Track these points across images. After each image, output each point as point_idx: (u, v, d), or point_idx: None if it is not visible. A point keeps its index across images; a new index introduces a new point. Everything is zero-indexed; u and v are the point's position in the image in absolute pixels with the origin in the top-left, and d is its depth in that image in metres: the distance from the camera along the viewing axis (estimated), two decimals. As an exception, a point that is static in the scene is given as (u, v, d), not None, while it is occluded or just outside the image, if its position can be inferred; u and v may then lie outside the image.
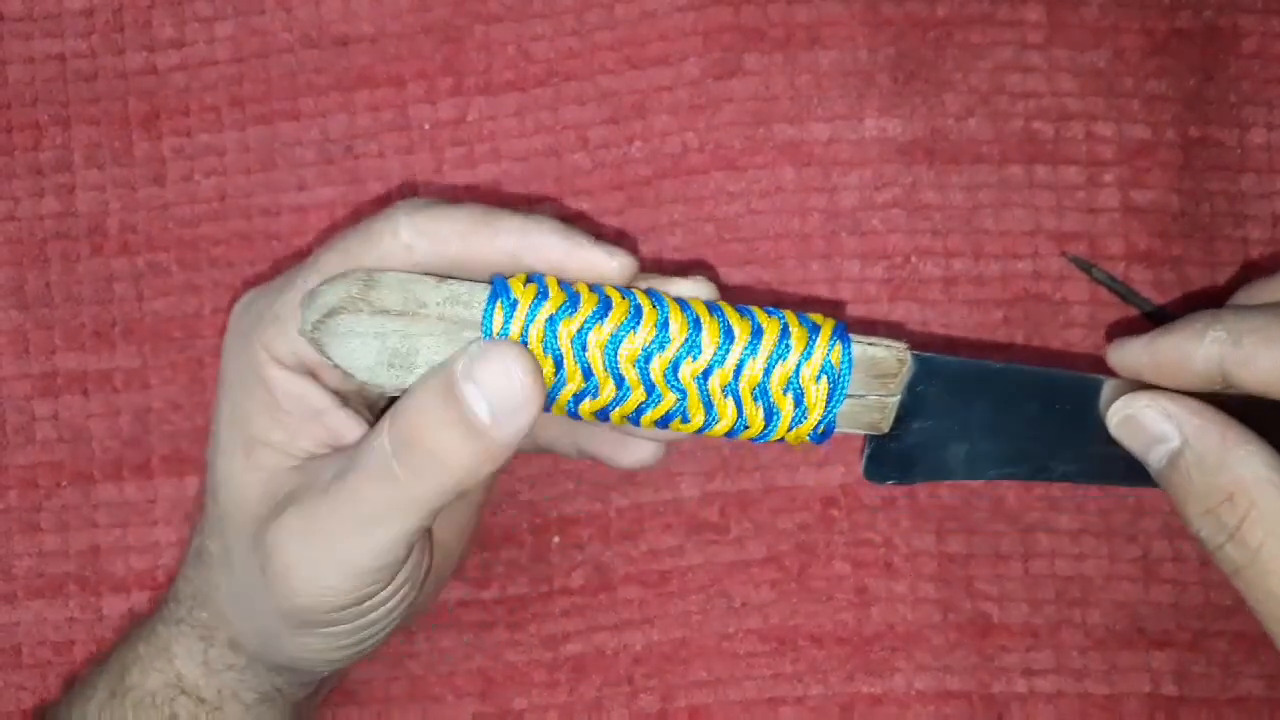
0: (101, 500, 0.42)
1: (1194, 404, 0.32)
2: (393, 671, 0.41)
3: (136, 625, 0.38)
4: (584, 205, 0.41)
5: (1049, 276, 0.41)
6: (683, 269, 0.41)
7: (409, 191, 0.42)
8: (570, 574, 0.41)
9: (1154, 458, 0.33)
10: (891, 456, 0.35)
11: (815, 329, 0.33)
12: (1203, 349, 0.32)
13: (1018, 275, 0.41)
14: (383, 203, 0.42)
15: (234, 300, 0.36)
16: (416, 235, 0.32)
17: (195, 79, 0.42)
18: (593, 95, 0.42)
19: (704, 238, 0.41)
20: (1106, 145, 0.41)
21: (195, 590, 0.36)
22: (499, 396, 0.31)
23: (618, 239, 0.41)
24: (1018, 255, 0.41)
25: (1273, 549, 0.30)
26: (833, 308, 0.41)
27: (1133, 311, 0.41)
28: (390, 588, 0.34)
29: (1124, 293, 0.41)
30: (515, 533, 0.41)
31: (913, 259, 0.41)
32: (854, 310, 0.41)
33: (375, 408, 0.35)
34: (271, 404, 0.33)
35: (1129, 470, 0.34)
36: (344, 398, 0.34)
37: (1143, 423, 0.33)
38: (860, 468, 0.36)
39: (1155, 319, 0.40)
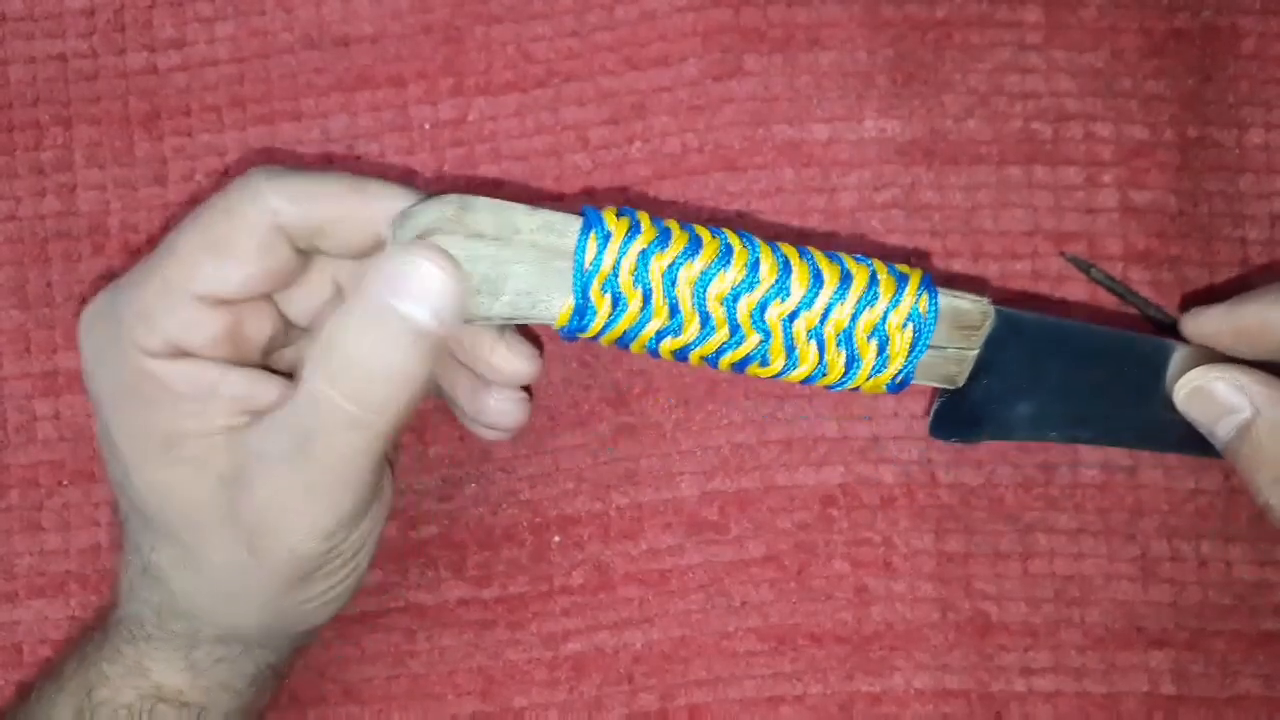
0: (103, 499, 0.42)
1: (1265, 376, 0.33)
2: (393, 670, 0.41)
3: (86, 646, 0.37)
4: (584, 205, 0.42)
5: (1048, 277, 0.41)
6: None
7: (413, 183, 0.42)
8: (570, 573, 0.41)
9: (1223, 429, 0.33)
10: (959, 414, 0.36)
11: (904, 278, 0.33)
12: None
13: (1017, 275, 0.41)
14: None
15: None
16: (285, 201, 0.32)
17: (196, 79, 0.42)
18: (593, 95, 0.42)
19: (704, 238, 0.41)
20: (1105, 146, 0.41)
21: (157, 606, 0.35)
22: (434, 292, 0.31)
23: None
24: (1016, 255, 0.41)
25: None
26: (918, 259, 0.41)
27: (1131, 311, 0.41)
28: (373, 504, 0.34)
29: (1122, 293, 0.41)
30: (515, 532, 0.41)
31: (912, 259, 0.41)
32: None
33: (268, 351, 0.35)
34: (170, 396, 0.32)
35: (1185, 438, 0.35)
36: (233, 359, 0.33)
37: (1214, 394, 0.34)
38: (927, 425, 0.36)
39: (1154, 320, 0.40)
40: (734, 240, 0.33)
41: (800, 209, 0.41)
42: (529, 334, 0.40)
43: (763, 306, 0.32)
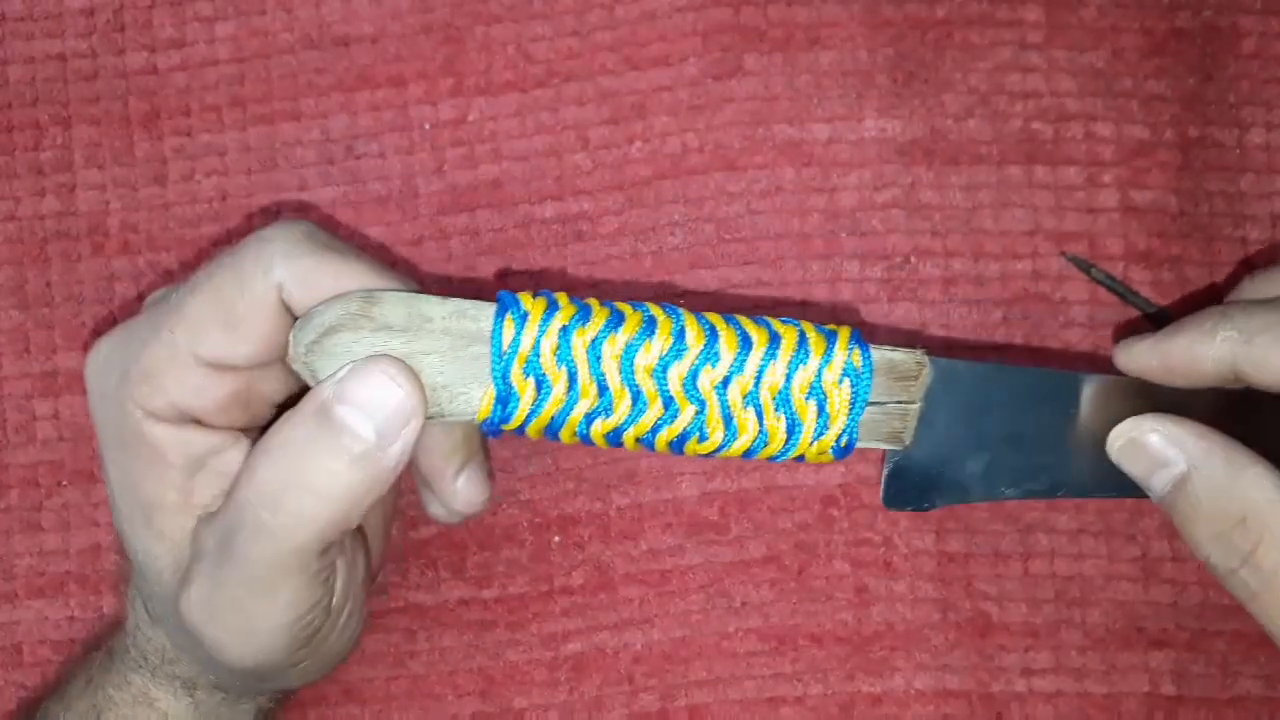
0: (102, 499, 0.42)
1: (1198, 427, 0.32)
2: (393, 670, 0.41)
3: (92, 668, 0.37)
4: (584, 205, 0.42)
5: (1048, 276, 0.41)
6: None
7: (408, 193, 0.42)
8: (570, 573, 0.41)
9: (1158, 483, 0.32)
10: (911, 481, 0.34)
11: (832, 334, 0.32)
12: (1214, 349, 0.32)
13: (1017, 275, 0.41)
14: (382, 204, 0.42)
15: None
16: (296, 285, 0.30)
17: (196, 79, 0.42)
18: (593, 95, 0.42)
19: (704, 238, 0.41)
20: (1105, 145, 0.41)
21: (159, 650, 0.35)
22: (383, 411, 0.29)
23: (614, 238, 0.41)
24: (1017, 255, 0.41)
25: None
26: (842, 313, 0.41)
27: (1132, 311, 0.41)
28: (335, 610, 0.32)
29: (1123, 293, 0.41)
30: (515, 532, 0.41)
31: (912, 259, 0.41)
32: (854, 310, 0.41)
33: (286, 405, 0.33)
34: (158, 461, 0.31)
35: None
36: (245, 429, 0.32)
37: (1146, 447, 0.32)
38: (880, 495, 0.35)
39: (1154, 319, 0.40)
40: (657, 311, 0.31)
41: (800, 209, 0.41)
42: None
43: (694, 375, 0.31)
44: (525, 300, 0.31)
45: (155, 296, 0.35)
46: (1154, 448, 0.32)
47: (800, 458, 0.33)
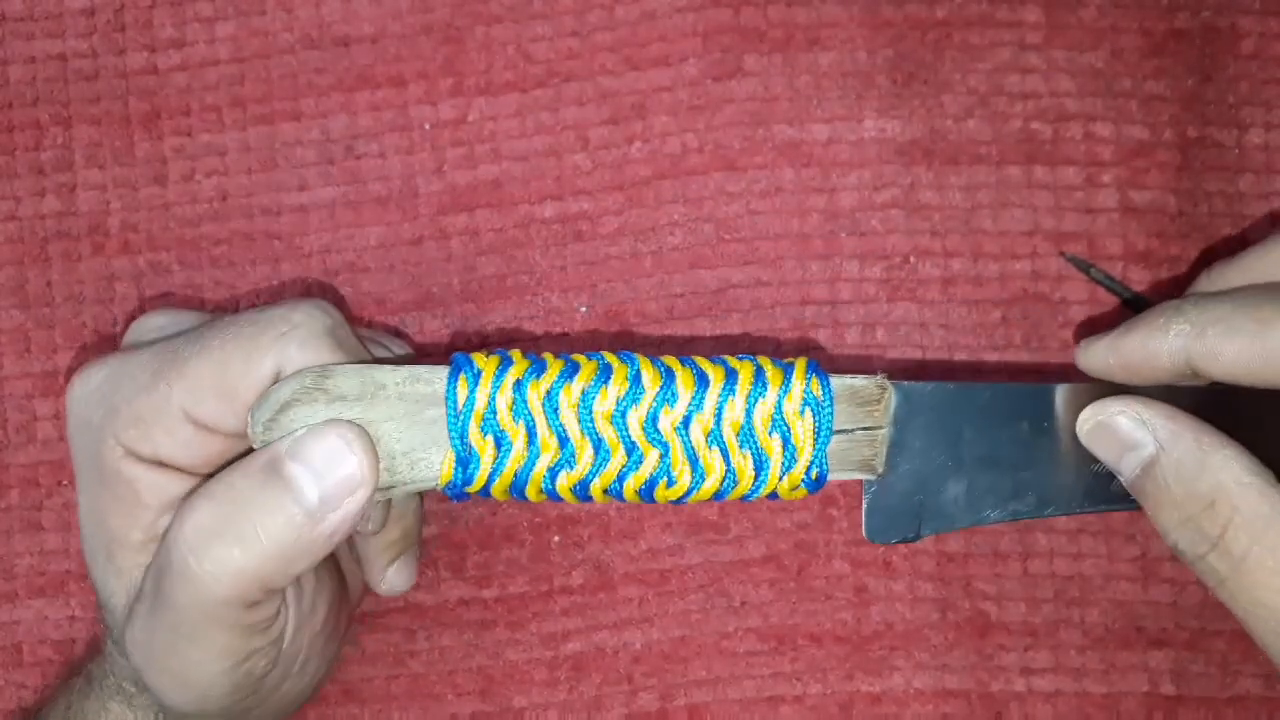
0: (102, 499, 0.42)
1: (1167, 408, 0.31)
2: (393, 670, 0.41)
3: (71, 694, 0.36)
4: (584, 205, 0.42)
5: (1047, 276, 0.41)
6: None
7: (408, 193, 0.42)
8: (570, 573, 0.41)
9: (1127, 466, 0.31)
10: (892, 511, 0.34)
11: (789, 366, 0.32)
12: (1168, 344, 0.31)
13: (1016, 275, 0.41)
14: (382, 204, 0.42)
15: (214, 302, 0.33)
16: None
17: (196, 79, 0.42)
18: (593, 95, 0.42)
19: (704, 238, 0.41)
20: (1105, 146, 0.41)
21: (133, 678, 0.34)
22: (332, 476, 0.29)
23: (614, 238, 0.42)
24: (1016, 255, 0.41)
25: (1259, 557, 0.29)
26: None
27: (1131, 312, 0.41)
28: (286, 658, 0.32)
29: (1122, 293, 0.41)
30: (515, 532, 0.41)
31: (911, 259, 0.41)
32: (853, 310, 0.41)
33: None
34: (131, 500, 0.31)
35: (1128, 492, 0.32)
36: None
37: (1115, 429, 0.32)
38: (862, 529, 0.34)
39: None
40: (611, 359, 0.31)
41: (800, 209, 0.41)
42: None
43: (653, 417, 0.31)
44: (478, 359, 0.31)
45: (149, 323, 0.34)
46: (1122, 430, 0.31)
47: (774, 495, 0.32)
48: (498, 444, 0.31)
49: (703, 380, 0.31)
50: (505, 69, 0.42)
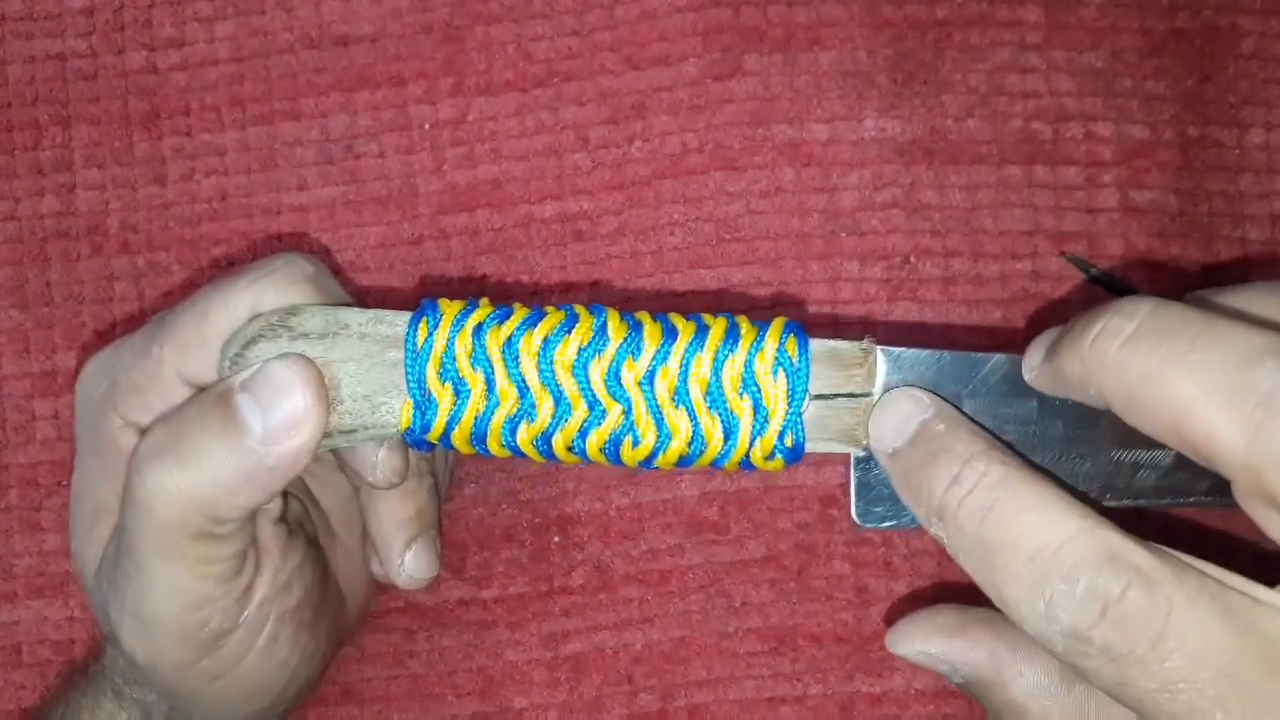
0: (102, 499, 0.42)
1: (964, 641, 0.30)
2: (393, 670, 0.41)
3: (72, 692, 0.36)
4: (584, 205, 0.42)
5: (1048, 276, 0.41)
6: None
7: (408, 193, 0.42)
8: (570, 573, 0.41)
9: (956, 679, 0.31)
10: (882, 491, 0.31)
11: (765, 325, 0.30)
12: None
13: (1017, 275, 0.41)
14: (382, 204, 0.42)
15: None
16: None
17: (196, 78, 0.42)
18: (593, 95, 0.42)
19: (704, 238, 0.41)
20: (1105, 145, 0.41)
21: (122, 670, 0.34)
22: (277, 411, 0.29)
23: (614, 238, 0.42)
24: (1017, 255, 0.41)
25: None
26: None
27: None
28: (249, 624, 0.31)
29: (1122, 293, 0.41)
30: (515, 532, 0.41)
31: (912, 259, 0.41)
32: (853, 310, 0.41)
33: None
34: (122, 468, 0.31)
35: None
36: None
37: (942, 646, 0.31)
38: (851, 514, 0.32)
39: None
40: (580, 310, 0.30)
41: (800, 209, 0.41)
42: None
43: (616, 371, 0.29)
44: (443, 304, 0.30)
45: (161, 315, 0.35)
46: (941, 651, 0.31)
47: (747, 462, 0.30)
48: (456, 391, 0.30)
49: (671, 334, 0.30)
50: (505, 69, 0.42)
